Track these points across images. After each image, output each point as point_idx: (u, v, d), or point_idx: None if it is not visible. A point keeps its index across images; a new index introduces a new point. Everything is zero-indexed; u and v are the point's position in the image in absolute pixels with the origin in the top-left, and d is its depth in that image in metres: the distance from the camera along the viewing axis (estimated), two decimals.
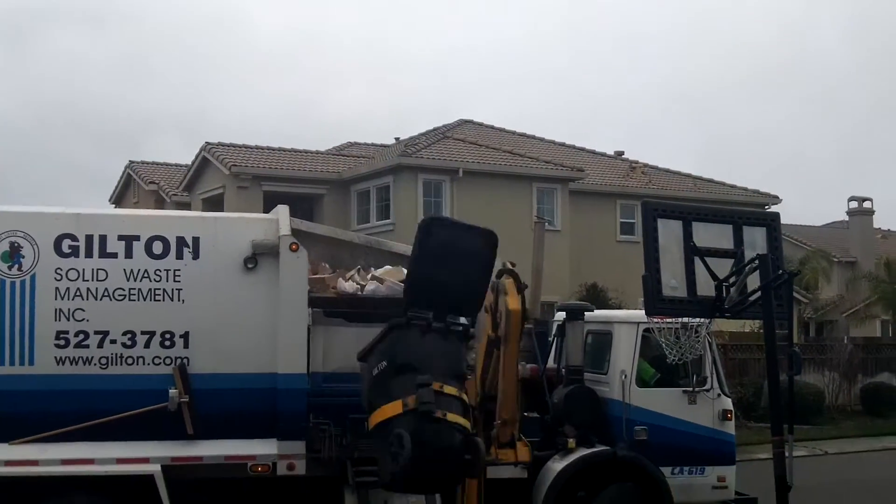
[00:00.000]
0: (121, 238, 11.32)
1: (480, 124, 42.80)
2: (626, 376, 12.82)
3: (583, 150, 43.95)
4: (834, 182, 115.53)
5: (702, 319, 11.54)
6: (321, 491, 11.75)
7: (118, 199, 46.31)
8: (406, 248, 13.62)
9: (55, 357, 11.04)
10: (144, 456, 11.05)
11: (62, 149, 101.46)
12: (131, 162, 44.82)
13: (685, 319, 11.46)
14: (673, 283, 10.14)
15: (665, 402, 12.90)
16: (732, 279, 10.16)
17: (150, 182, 42.23)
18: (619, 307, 27.59)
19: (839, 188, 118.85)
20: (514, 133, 43.11)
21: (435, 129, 40.79)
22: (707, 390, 12.99)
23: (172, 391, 11.09)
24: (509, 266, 11.84)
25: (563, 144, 43.68)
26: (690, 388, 12.96)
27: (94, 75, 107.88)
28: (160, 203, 40.82)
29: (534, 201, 36.20)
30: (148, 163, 44.96)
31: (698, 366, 12.92)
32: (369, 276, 12.76)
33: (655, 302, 10.06)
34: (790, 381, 10.85)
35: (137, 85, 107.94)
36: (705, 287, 10.27)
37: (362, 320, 12.08)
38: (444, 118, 54.37)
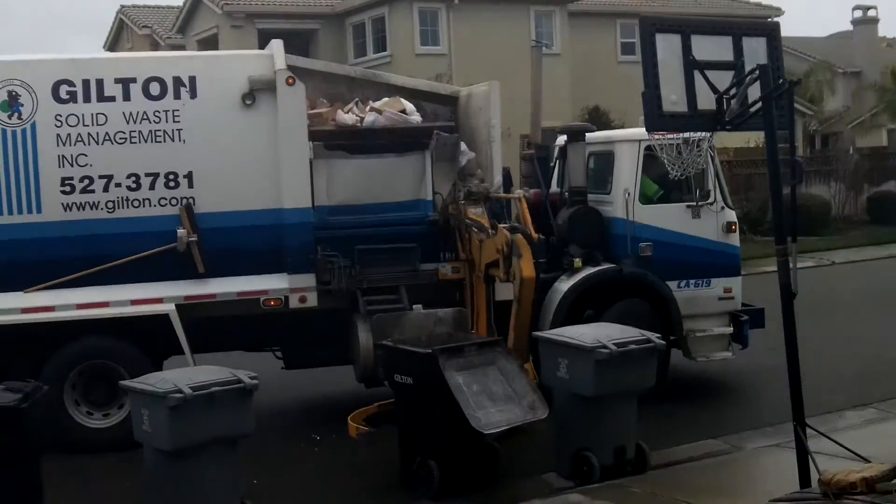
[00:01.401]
0: (117, 81, 11.19)
1: None
2: (629, 194, 12.77)
3: None
4: None
5: (703, 133, 11.43)
6: (333, 322, 11.88)
7: (112, 45, 45.72)
8: (405, 80, 13.52)
9: (62, 203, 11.05)
10: (158, 296, 11.17)
11: None
12: (122, 6, 44.04)
13: (686, 134, 11.34)
14: (673, 98, 9.93)
15: (669, 217, 12.88)
16: (733, 91, 9.98)
17: (143, 26, 41.68)
18: (622, 128, 27.46)
19: None
20: None
21: None
22: (710, 203, 12.94)
23: (181, 231, 11.14)
24: (519, 225, 11.65)
25: None
26: (694, 203, 12.91)
27: None
28: (155, 47, 40.35)
29: (532, 25, 35.68)
30: (139, 6, 44.19)
31: (701, 180, 12.86)
32: (367, 107, 12.63)
33: (656, 118, 9.90)
34: (792, 191, 10.79)
35: None
36: (706, 101, 10.07)
37: (363, 152, 12.07)
38: None
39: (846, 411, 11.83)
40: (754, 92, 9.84)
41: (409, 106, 12.79)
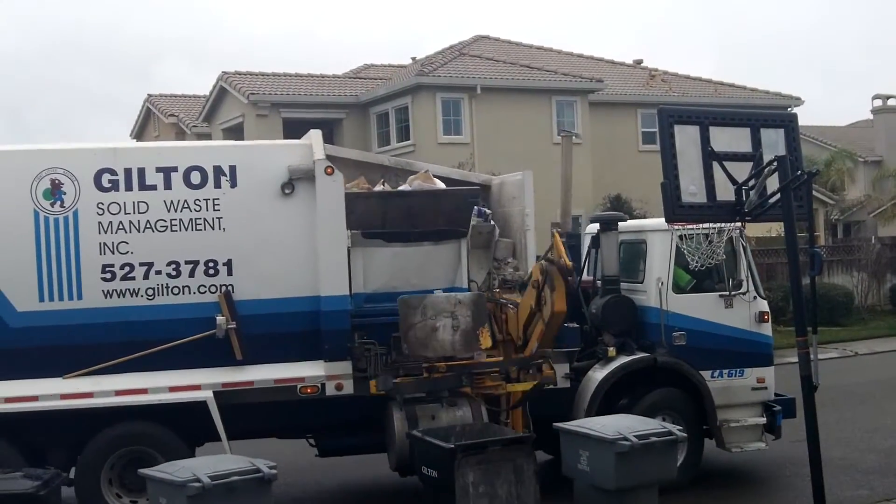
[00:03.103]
0: (159, 170, 11.38)
1: (496, 39, 42.43)
2: (662, 283, 12.91)
3: (601, 60, 43.54)
4: (858, 80, 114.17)
5: (731, 224, 11.49)
6: (368, 409, 11.96)
7: (139, 132, 46.41)
8: (437, 169, 13.78)
9: (103, 290, 11.17)
10: (196, 383, 11.25)
11: (70, 79, 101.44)
12: (149, 95, 44.83)
13: (718, 224, 11.46)
14: (692, 188, 10.06)
15: (702, 306, 12.99)
16: (752, 182, 10.08)
17: (170, 115, 42.27)
18: (644, 217, 27.54)
19: (863, 86, 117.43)
20: (530, 47, 42.72)
21: (451, 47, 40.47)
22: (743, 293, 13.04)
23: (220, 318, 11.24)
24: (553, 257, 11.83)
25: (580, 56, 43.28)
26: (727, 292, 13.03)
27: (98, 1, 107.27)
28: (181, 135, 40.87)
29: (553, 114, 35.99)
30: (166, 95, 44.94)
31: (733, 269, 13.03)
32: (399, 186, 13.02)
33: (675, 208, 10.00)
34: (812, 282, 10.86)
35: (143, 9, 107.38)
36: (725, 191, 10.20)
37: (401, 240, 12.25)
38: (460, 35, 53.84)
39: None
40: (773, 182, 9.92)
41: (440, 183, 13.09)
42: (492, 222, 12.92)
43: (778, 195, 9.86)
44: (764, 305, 13.48)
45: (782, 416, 13.18)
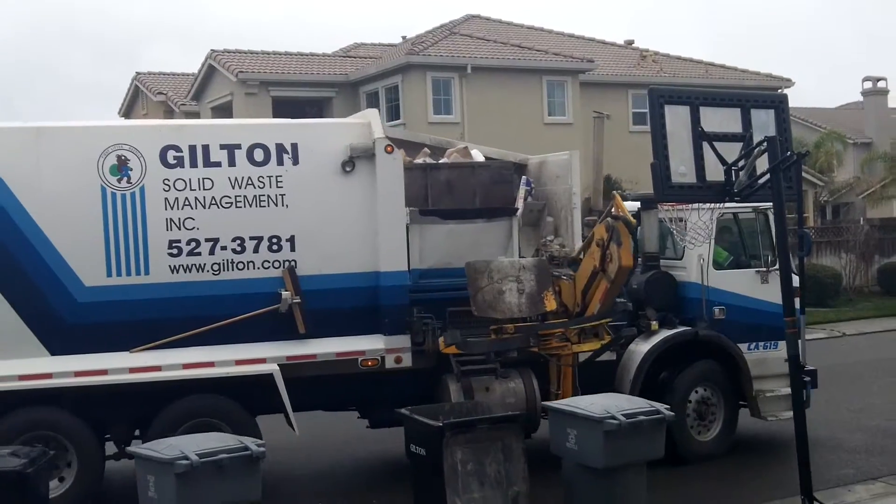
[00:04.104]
0: (223, 147, 11.50)
1: (487, 18, 42.46)
2: (703, 260, 13.20)
3: (592, 40, 43.60)
4: (849, 63, 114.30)
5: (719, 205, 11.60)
6: (424, 383, 12.24)
7: (127, 111, 46.20)
8: (476, 147, 14.02)
9: (169, 266, 11.27)
10: (261, 356, 11.42)
11: (60, 62, 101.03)
12: (138, 73, 44.64)
13: (757, 205, 11.97)
14: (682, 169, 10.11)
15: (740, 282, 13.26)
16: (741, 163, 10.08)
17: (158, 93, 42.14)
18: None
19: (854, 69, 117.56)
20: (521, 26, 42.75)
21: (442, 26, 40.46)
22: (778, 270, 13.14)
23: (284, 293, 11.40)
24: (618, 211, 12.07)
25: (571, 35, 43.31)
26: (763, 269, 13.31)
27: None
28: (169, 113, 40.76)
29: (544, 94, 36.06)
30: (154, 73, 44.78)
31: (770, 247, 13.25)
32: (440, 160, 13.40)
33: (665, 189, 10.02)
34: (801, 262, 10.97)
35: None
36: (714, 172, 10.22)
37: (456, 217, 12.51)
38: (451, 13, 53.75)
39: (855, 485, 11.85)
40: (763, 163, 9.92)
41: (477, 154, 13.46)
42: (542, 201, 13.25)
43: (767, 176, 9.86)
44: (796, 281, 13.61)
45: (811, 386, 13.54)
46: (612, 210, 12.21)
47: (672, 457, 12.58)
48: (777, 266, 13.02)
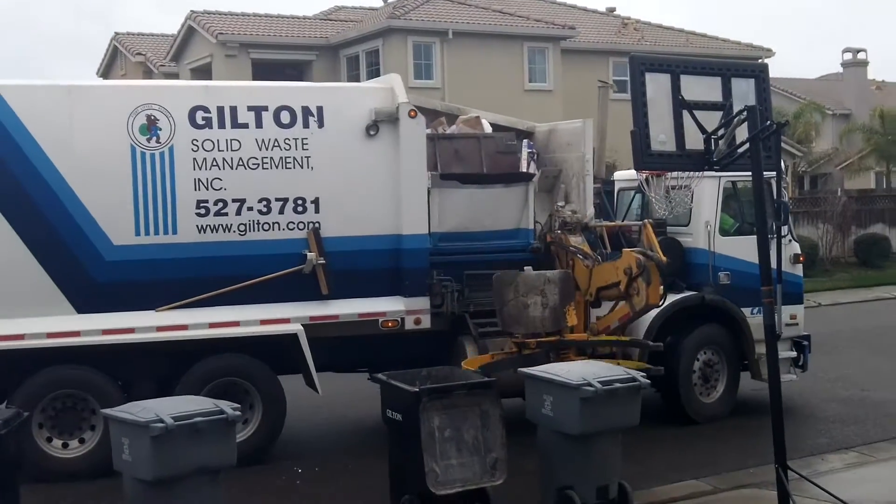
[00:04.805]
0: (250, 109, 11.58)
1: None
2: (710, 226, 13.58)
3: (574, 7, 43.58)
4: (830, 33, 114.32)
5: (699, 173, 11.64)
6: (440, 344, 12.44)
7: (105, 71, 45.86)
8: (484, 115, 14.05)
9: (197, 226, 11.35)
10: (286, 316, 11.58)
11: (32, 13, 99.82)
12: (117, 33, 44.28)
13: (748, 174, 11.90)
14: (661, 137, 10.07)
15: (745, 248, 13.27)
16: (721, 132, 10.07)
17: (137, 53, 41.82)
18: (614, 167, 27.54)
19: (835, 40, 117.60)
20: None
21: None
22: (783, 236, 13.24)
23: (310, 254, 11.56)
24: (652, 252, 12.14)
25: (553, 2, 43.33)
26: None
27: None
28: (148, 74, 40.49)
29: (525, 61, 36.01)
30: (133, 34, 44.43)
31: (773, 215, 13.22)
32: (451, 127, 13.57)
33: (644, 157, 9.99)
34: (778, 231, 11.08)
35: None
36: (694, 141, 10.19)
37: (475, 182, 12.68)
38: None
39: (828, 454, 11.95)
40: (742, 133, 9.91)
41: (486, 124, 13.65)
42: (559, 168, 13.41)
43: (747, 145, 9.85)
44: (797, 248, 14.27)
45: (807, 351, 14.01)
46: (644, 244, 12.40)
47: (680, 417, 13.20)
48: (783, 233, 13.25)
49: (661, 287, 11.92)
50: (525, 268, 12.36)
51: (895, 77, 66.20)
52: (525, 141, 13.61)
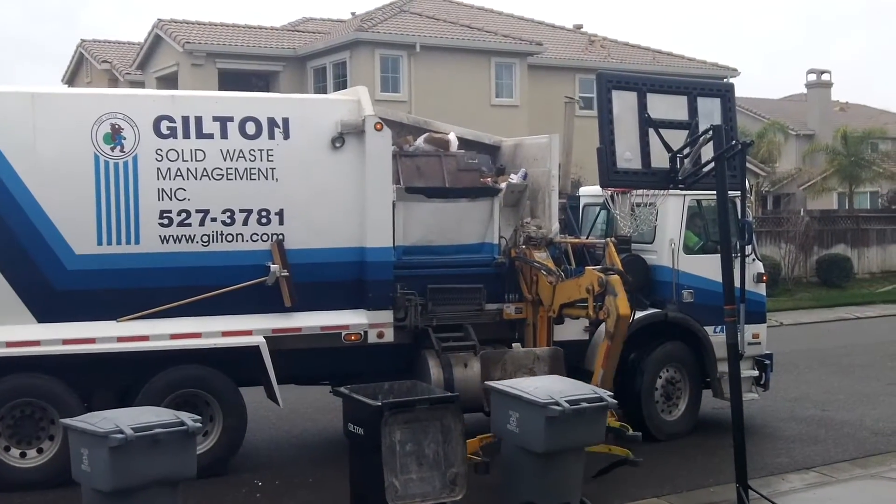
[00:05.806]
0: (215, 119, 11.52)
1: None
2: (674, 244, 13.60)
3: (541, 23, 43.67)
4: (795, 55, 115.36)
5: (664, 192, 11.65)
6: (405, 358, 12.46)
7: (71, 78, 45.53)
8: (450, 128, 14.00)
9: (160, 236, 11.27)
10: (248, 328, 11.51)
11: None
12: (83, 40, 43.95)
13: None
14: (627, 155, 10.16)
15: (709, 266, 13.33)
16: (686, 150, 10.12)
17: (103, 61, 41.54)
18: (579, 182, 27.62)
19: (800, 61, 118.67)
20: (471, 7, 42.82)
21: (391, 3, 40.30)
22: (747, 255, 13.27)
23: (273, 266, 11.49)
24: (612, 266, 12.17)
25: (521, 18, 43.39)
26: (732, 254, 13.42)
27: None
28: (114, 82, 40.23)
29: (492, 76, 36.11)
30: (99, 41, 44.14)
31: (738, 233, 13.26)
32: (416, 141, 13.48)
33: (610, 174, 10.04)
34: (741, 251, 11.11)
35: None
36: (660, 159, 10.26)
37: (440, 196, 12.68)
38: None
39: (789, 474, 11.96)
40: (708, 151, 9.96)
41: (453, 136, 13.59)
42: (526, 182, 13.36)
43: (712, 164, 9.90)
44: (761, 267, 14.36)
45: (769, 370, 14.03)
46: (607, 262, 12.34)
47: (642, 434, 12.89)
48: (747, 253, 13.26)
49: (627, 298, 11.81)
50: (514, 345, 12.38)
51: (859, 99, 66.80)
52: (522, 171, 13.40)
